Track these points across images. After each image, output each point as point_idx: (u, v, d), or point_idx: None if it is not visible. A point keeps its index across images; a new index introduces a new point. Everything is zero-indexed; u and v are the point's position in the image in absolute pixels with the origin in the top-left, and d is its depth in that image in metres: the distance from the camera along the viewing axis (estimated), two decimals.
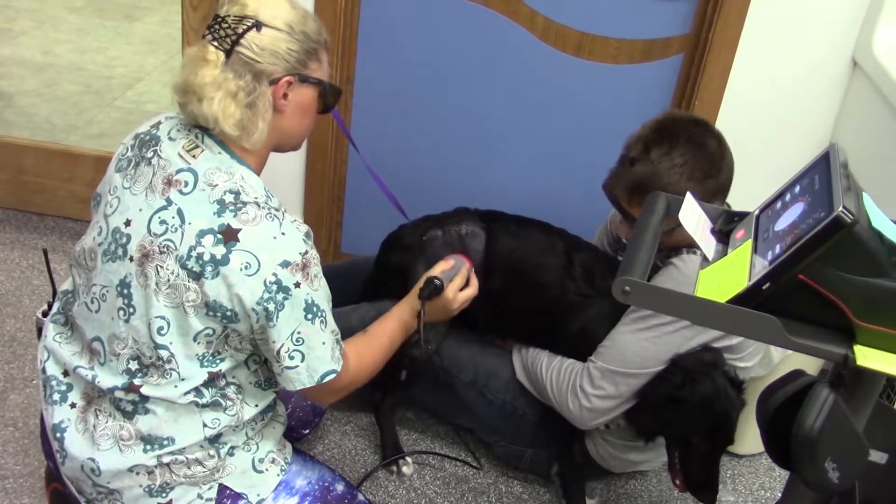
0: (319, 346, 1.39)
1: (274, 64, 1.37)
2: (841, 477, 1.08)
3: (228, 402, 1.42)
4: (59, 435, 1.45)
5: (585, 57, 2.33)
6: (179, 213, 1.34)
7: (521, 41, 2.32)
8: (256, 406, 1.47)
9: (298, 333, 1.36)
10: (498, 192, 2.45)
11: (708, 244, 1.23)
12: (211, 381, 1.39)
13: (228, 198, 1.34)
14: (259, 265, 1.31)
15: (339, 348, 1.44)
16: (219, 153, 1.39)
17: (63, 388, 1.47)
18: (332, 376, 1.41)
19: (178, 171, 1.37)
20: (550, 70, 2.35)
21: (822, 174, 1.11)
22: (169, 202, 1.35)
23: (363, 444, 2.12)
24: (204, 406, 1.40)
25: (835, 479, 1.08)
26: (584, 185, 2.43)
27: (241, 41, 1.35)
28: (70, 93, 3.73)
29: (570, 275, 1.82)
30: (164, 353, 1.36)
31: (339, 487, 1.60)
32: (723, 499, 2.10)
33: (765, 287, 1.05)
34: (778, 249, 1.06)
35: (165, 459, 1.40)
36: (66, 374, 1.48)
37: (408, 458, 2.07)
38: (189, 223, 1.33)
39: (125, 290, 1.37)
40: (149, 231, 1.35)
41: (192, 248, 1.32)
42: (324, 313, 1.39)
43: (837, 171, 1.08)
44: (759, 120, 2.29)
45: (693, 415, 1.63)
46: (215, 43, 1.35)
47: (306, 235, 1.38)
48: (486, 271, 1.84)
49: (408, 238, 1.97)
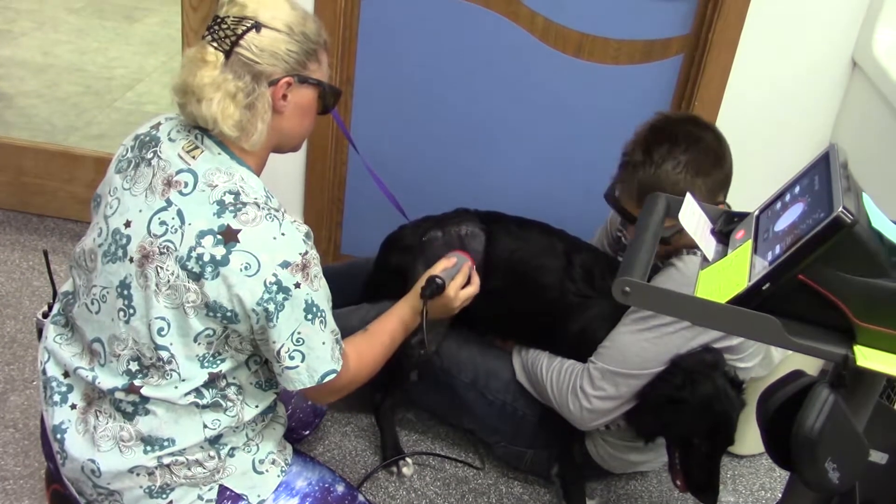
0: (319, 347, 1.39)
1: (273, 65, 1.37)
2: (841, 477, 1.08)
3: (229, 403, 1.42)
4: (59, 436, 1.44)
5: (585, 58, 2.33)
6: (179, 213, 1.34)
7: (521, 42, 2.32)
8: (257, 407, 1.46)
9: (298, 334, 1.36)
10: (498, 193, 2.44)
11: (708, 245, 1.23)
12: (211, 381, 1.39)
13: (228, 198, 1.34)
14: (259, 266, 1.31)
15: (339, 348, 1.44)
16: (218, 154, 1.39)
17: (63, 389, 1.47)
18: (332, 376, 1.41)
19: (178, 172, 1.37)
20: (550, 71, 2.35)
21: (821, 174, 1.11)
22: (169, 203, 1.35)
23: (363, 444, 2.12)
24: (204, 407, 1.40)
25: (835, 480, 1.09)
26: (584, 186, 2.43)
27: (241, 42, 1.35)
28: (70, 94, 3.73)
29: (570, 276, 1.82)
30: (164, 354, 1.36)
31: (340, 488, 1.60)
32: (723, 499, 2.10)
33: (765, 287, 1.05)
34: (778, 250, 1.06)
35: (166, 460, 1.40)
36: (66, 375, 1.48)
37: (408, 459, 2.06)
38: (189, 224, 1.33)
39: (125, 292, 1.37)
40: (149, 232, 1.35)
41: (191, 249, 1.32)
42: (324, 313, 1.39)
43: (837, 171, 1.08)
44: (759, 120, 2.29)
45: (693, 415, 1.62)
46: (214, 44, 1.35)
47: (306, 236, 1.38)
48: (486, 272, 1.84)
49: (408, 239, 1.96)
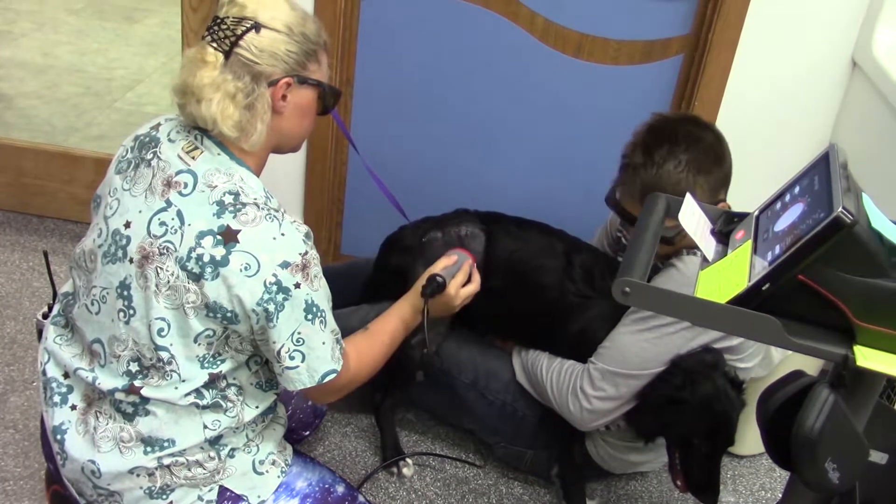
0: (319, 347, 1.39)
1: (273, 65, 1.37)
2: (841, 477, 1.08)
3: (229, 404, 1.42)
4: (59, 437, 1.44)
5: (585, 58, 2.33)
6: (179, 214, 1.34)
7: (521, 42, 2.32)
8: (257, 408, 1.46)
9: (299, 334, 1.36)
10: (498, 194, 2.44)
11: (708, 245, 1.23)
12: (211, 382, 1.39)
13: (228, 199, 1.34)
14: (259, 266, 1.31)
15: (339, 348, 1.44)
16: (218, 154, 1.38)
17: (63, 390, 1.47)
18: (332, 376, 1.41)
19: (178, 173, 1.37)
20: (550, 71, 2.35)
21: (821, 175, 1.11)
22: (168, 204, 1.35)
23: (363, 445, 2.12)
24: (204, 407, 1.40)
25: (835, 480, 1.08)
26: (583, 187, 2.44)
27: (240, 42, 1.35)
28: (70, 95, 3.73)
29: (569, 276, 1.82)
30: (164, 355, 1.36)
31: (340, 489, 1.60)
32: (723, 499, 2.10)
33: (765, 288, 1.05)
34: (778, 250, 1.06)
35: (166, 461, 1.40)
36: (66, 376, 1.48)
37: (408, 460, 2.06)
38: (189, 224, 1.33)
39: (125, 292, 1.37)
40: (148, 233, 1.35)
41: (191, 250, 1.32)
42: (324, 313, 1.39)
43: (837, 171, 1.08)
44: (758, 120, 2.29)
45: (693, 416, 1.62)
46: (214, 44, 1.35)
47: (306, 236, 1.38)
48: (486, 273, 1.84)
49: (407, 239, 1.96)
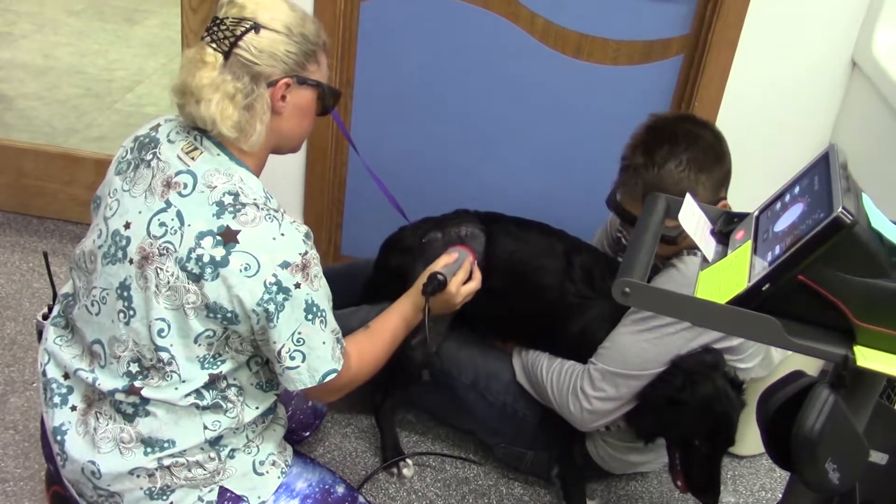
0: (320, 346, 1.39)
1: (272, 66, 1.37)
2: (841, 478, 1.08)
3: (229, 405, 1.42)
4: (59, 438, 1.44)
5: (585, 58, 2.33)
6: (179, 215, 1.34)
7: (521, 43, 2.32)
8: (257, 408, 1.46)
9: (299, 334, 1.36)
10: (498, 194, 2.44)
11: (708, 245, 1.23)
12: (212, 382, 1.39)
13: (227, 199, 1.34)
14: (259, 266, 1.31)
15: (339, 347, 1.44)
16: (217, 155, 1.38)
17: (63, 390, 1.47)
18: (332, 376, 1.41)
19: (178, 174, 1.37)
20: (550, 72, 2.35)
21: (821, 175, 1.10)
22: (168, 204, 1.35)
23: (363, 446, 2.12)
24: (204, 408, 1.40)
25: (835, 480, 1.08)
26: (583, 187, 2.43)
27: (240, 43, 1.35)
28: (70, 96, 3.73)
29: (569, 277, 1.82)
30: (164, 356, 1.36)
31: (340, 489, 1.60)
32: (724, 500, 2.10)
33: (765, 288, 1.05)
34: (778, 250, 1.06)
35: (166, 462, 1.40)
36: (66, 376, 1.48)
37: (408, 460, 2.06)
38: (188, 225, 1.33)
39: (125, 293, 1.37)
40: (148, 233, 1.35)
41: (191, 250, 1.32)
42: (324, 313, 1.39)
43: (837, 171, 1.08)
44: (758, 120, 2.29)
45: (694, 416, 1.62)
46: (213, 45, 1.35)
47: (306, 236, 1.38)
48: (486, 273, 1.84)
49: (407, 240, 1.96)
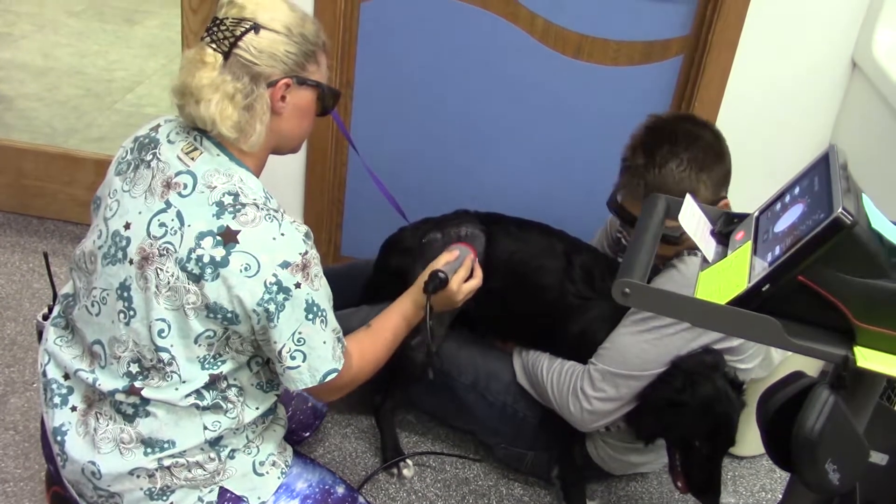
0: (321, 346, 1.39)
1: (272, 66, 1.37)
2: (841, 478, 1.08)
3: (229, 405, 1.42)
4: (59, 438, 1.44)
5: (585, 59, 2.33)
6: (178, 215, 1.34)
7: (521, 43, 2.32)
8: (257, 409, 1.46)
9: (300, 334, 1.36)
10: (498, 195, 2.44)
11: (707, 246, 1.23)
12: (212, 383, 1.39)
13: (227, 199, 1.34)
14: (259, 266, 1.31)
15: (340, 346, 1.44)
16: (217, 155, 1.38)
17: (64, 391, 1.47)
18: (333, 375, 1.41)
19: (178, 174, 1.37)
20: (550, 72, 2.35)
21: (821, 175, 1.10)
22: (168, 205, 1.35)
23: (364, 446, 2.12)
24: (205, 409, 1.40)
25: (835, 481, 1.08)
26: (583, 187, 2.44)
27: (239, 43, 1.35)
28: (70, 96, 3.73)
29: (569, 277, 1.82)
30: (164, 356, 1.36)
31: (340, 490, 1.60)
32: (724, 501, 2.10)
33: (765, 289, 1.05)
34: (777, 251, 1.06)
35: (166, 462, 1.40)
36: (66, 377, 1.48)
37: (408, 461, 2.06)
38: (188, 225, 1.33)
39: (125, 293, 1.37)
40: (148, 234, 1.35)
41: (191, 251, 1.32)
42: (324, 313, 1.39)
43: (837, 172, 1.08)
44: (758, 121, 2.29)
45: (694, 417, 1.62)
46: (213, 45, 1.35)
47: (306, 236, 1.38)
48: (486, 273, 1.83)
49: (407, 241, 1.96)
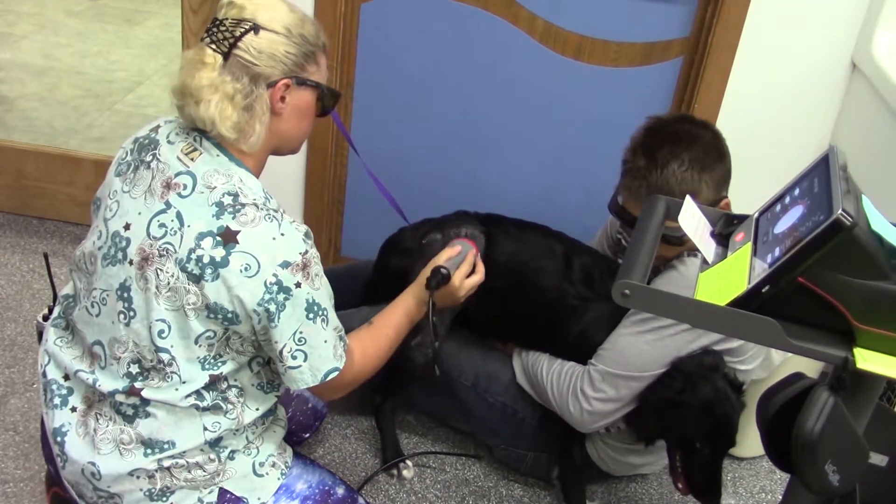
0: (322, 345, 1.39)
1: (271, 67, 1.37)
2: (841, 479, 1.08)
3: (229, 406, 1.42)
4: (59, 439, 1.44)
5: (585, 60, 2.33)
6: (178, 216, 1.34)
7: (521, 44, 2.32)
8: (257, 410, 1.46)
9: (300, 333, 1.36)
10: (498, 196, 2.44)
11: (707, 247, 1.23)
12: (212, 383, 1.39)
13: (227, 200, 1.34)
14: (259, 266, 1.31)
15: (342, 345, 1.44)
16: (217, 156, 1.39)
17: (64, 392, 1.47)
18: (335, 374, 1.42)
19: (177, 175, 1.37)
20: (550, 73, 2.35)
21: (821, 177, 1.10)
22: (168, 205, 1.35)
23: (364, 447, 2.12)
24: (205, 409, 1.40)
25: (835, 482, 1.08)
26: (583, 188, 2.44)
27: (239, 44, 1.35)
28: (70, 97, 3.73)
29: (569, 278, 1.82)
30: (164, 357, 1.36)
31: (340, 491, 1.60)
32: (724, 502, 2.09)
33: (764, 290, 1.05)
34: (777, 252, 1.06)
35: (166, 463, 1.40)
36: (66, 378, 1.48)
37: (408, 462, 2.06)
38: (188, 226, 1.33)
39: (125, 294, 1.37)
40: (148, 234, 1.35)
41: (191, 251, 1.32)
42: (325, 312, 1.39)
43: (837, 173, 1.08)
44: (758, 122, 2.29)
45: (694, 418, 1.62)
46: (213, 46, 1.35)
47: (306, 235, 1.38)
48: (486, 274, 1.84)
49: (407, 241, 1.96)
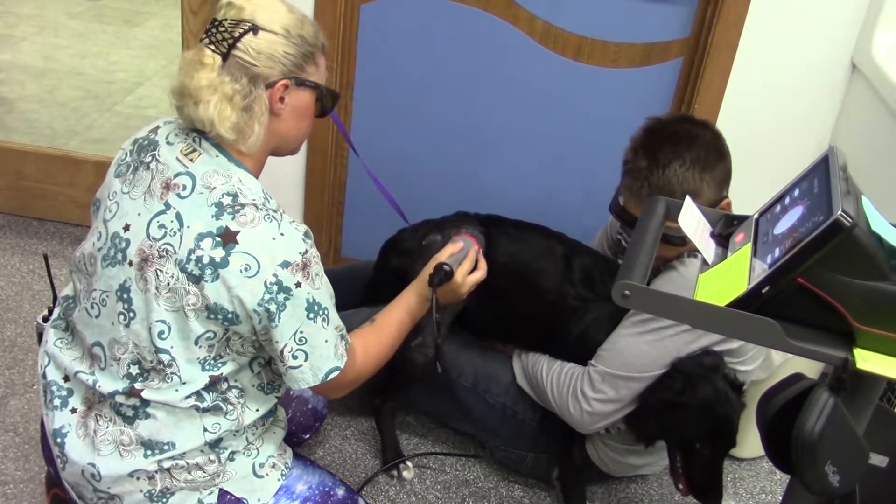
0: (322, 345, 1.39)
1: (270, 67, 1.37)
2: (841, 480, 1.08)
3: (229, 407, 1.42)
4: (59, 440, 1.44)
5: (585, 61, 2.33)
6: (178, 216, 1.34)
7: (521, 45, 2.32)
8: (257, 411, 1.46)
9: (301, 333, 1.36)
10: (497, 197, 2.44)
11: (707, 248, 1.23)
12: (212, 384, 1.39)
13: (226, 200, 1.34)
14: (259, 267, 1.31)
15: (343, 344, 1.44)
16: (216, 156, 1.39)
17: (63, 393, 1.47)
18: (336, 373, 1.41)
19: (177, 175, 1.37)
20: (550, 74, 2.35)
21: (821, 177, 1.10)
22: (167, 206, 1.35)
23: (364, 448, 2.12)
24: (205, 410, 1.40)
25: (835, 483, 1.08)
26: (583, 189, 2.43)
27: (238, 45, 1.35)
28: (70, 98, 3.73)
29: (569, 279, 1.82)
30: (164, 357, 1.36)
31: (340, 492, 1.60)
32: (724, 503, 2.09)
33: (764, 290, 1.05)
34: (777, 253, 1.06)
35: (166, 464, 1.40)
36: (66, 379, 1.48)
37: (408, 463, 2.06)
38: (188, 227, 1.33)
39: (125, 295, 1.37)
40: (147, 235, 1.35)
41: (191, 252, 1.32)
42: (326, 311, 1.39)
43: (836, 174, 1.08)
44: (758, 123, 2.29)
45: (694, 419, 1.62)
46: (212, 46, 1.35)
47: (305, 235, 1.38)
48: (486, 275, 1.84)
49: (407, 242, 1.96)
